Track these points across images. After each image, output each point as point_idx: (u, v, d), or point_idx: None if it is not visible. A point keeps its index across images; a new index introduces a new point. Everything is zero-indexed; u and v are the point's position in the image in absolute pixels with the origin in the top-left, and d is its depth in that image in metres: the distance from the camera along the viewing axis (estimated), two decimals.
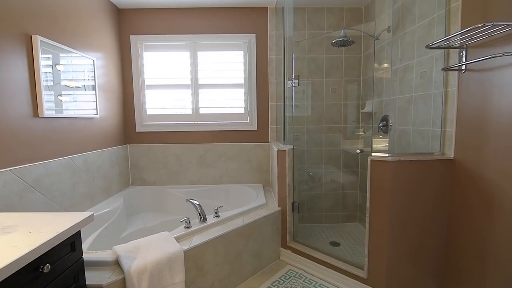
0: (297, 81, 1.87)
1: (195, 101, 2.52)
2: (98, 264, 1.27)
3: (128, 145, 2.55)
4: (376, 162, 1.49)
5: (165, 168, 2.58)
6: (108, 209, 2.01)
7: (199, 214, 1.72)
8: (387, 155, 1.47)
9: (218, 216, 1.80)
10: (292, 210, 2.02)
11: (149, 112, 2.54)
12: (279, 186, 2.06)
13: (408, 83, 1.86)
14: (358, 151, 2.34)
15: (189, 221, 1.65)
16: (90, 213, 1.08)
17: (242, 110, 2.58)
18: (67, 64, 1.74)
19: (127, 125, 2.54)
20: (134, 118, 2.53)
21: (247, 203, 2.15)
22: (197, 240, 1.53)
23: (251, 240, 1.80)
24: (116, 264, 1.28)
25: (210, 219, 1.76)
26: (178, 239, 1.52)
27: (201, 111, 2.55)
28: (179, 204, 2.46)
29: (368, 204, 1.53)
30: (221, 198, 2.52)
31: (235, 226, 1.71)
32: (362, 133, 2.55)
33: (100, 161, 2.10)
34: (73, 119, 1.80)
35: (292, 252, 1.99)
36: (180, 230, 1.60)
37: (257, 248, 1.84)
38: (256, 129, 2.58)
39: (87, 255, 1.30)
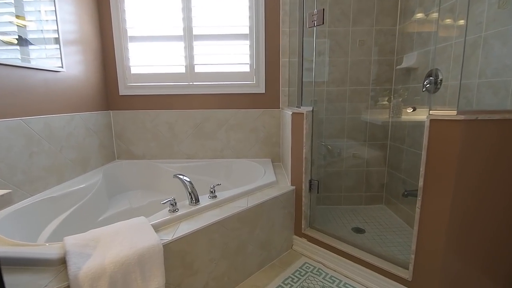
0: (322, 17, 1.38)
1: (189, 57, 2.05)
2: (38, 263, 0.89)
3: (111, 111, 2.14)
4: (438, 123, 1.03)
5: (155, 140, 2.17)
6: (82, 186, 1.64)
7: (190, 193, 1.32)
8: (455, 112, 1.01)
9: (215, 196, 1.40)
10: (310, 189, 1.61)
11: (134, 70, 2.09)
12: (293, 160, 1.63)
13: (474, 19, 1.35)
14: (409, 109, 1.82)
15: (175, 203, 1.25)
16: (7, 191, 0.67)
17: (247, 68, 2.10)
18: None
19: (109, 87, 2.10)
20: (116, 78, 2.09)
21: (253, 181, 1.74)
22: (184, 229, 1.14)
23: (258, 227, 1.41)
24: (64, 263, 0.90)
25: (205, 200, 1.36)
26: (157, 227, 1.13)
27: (197, 69, 2.08)
28: (173, 182, 2.06)
29: (421, 182, 1.09)
30: (221, 175, 2.11)
31: (236, 210, 1.31)
32: (394, 99, 2.06)
33: (71, 128, 1.69)
34: (23, 70, 1.37)
35: (308, 241, 1.60)
36: (163, 214, 1.21)
37: (264, 236, 1.45)
38: (264, 92, 2.12)
39: (23, 250, 0.92)
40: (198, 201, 1.33)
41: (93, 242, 0.97)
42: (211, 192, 1.41)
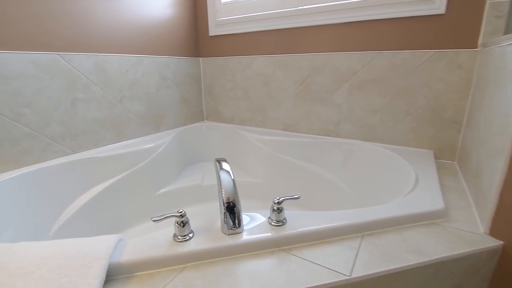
0: None
1: None
2: None
3: (200, 58, 1.68)
4: None
5: (246, 99, 1.56)
6: (145, 146, 1.28)
7: (226, 204, 0.62)
8: None
9: (282, 223, 0.64)
10: None
11: None
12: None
13: None
14: None
15: (186, 222, 0.59)
16: None
17: None
18: None
19: (198, 25, 1.62)
20: (206, 12, 1.57)
21: (385, 196, 0.85)
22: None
23: None
24: None
25: (255, 222, 0.64)
26: (129, 269, 0.52)
27: None
28: (259, 159, 1.44)
29: None
30: (328, 164, 1.27)
31: (323, 278, 0.51)
32: None
33: (137, 73, 1.32)
34: None
35: None
36: (155, 241, 0.58)
37: None
38: (443, 12, 1.01)
39: None
40: (239, 226, 0.62)
41: None
42: (275, 210, 0.65)
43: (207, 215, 1.33)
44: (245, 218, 0.67)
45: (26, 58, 0.94)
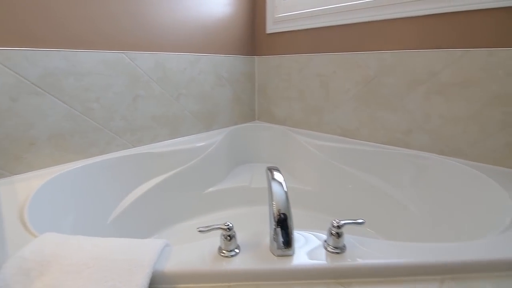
0: None
1: None
2: None
3: (256, 57, 1.63)
4: None
5: (301, 100, 1.47)
6: (198, 144, 1.29)
7: (276, 218, 0.55)
8: None
9: (341, 250, 0.55)
10: None
11: None
12: None
13: None
14: None
15: (231, 234, 0.54)
16: None
17: None
18: None
19: (256, 22, 1.58)
20: (265, 9, 1.51)
21: (469, 230, 0.69)
22: None
23: None
24: None
25: (308, 245, 0.56)
26: (173, 279, 0.49)
27: None
28: (311, 165, 1.34)
29: None
30: (395, 180, 1.11)
31: None
32: None
33: (194, 72, 1.33)
34: None
35: None
36: (199, 255, 0.55)
37: None
38: None
39: None
40: (290, 246, 0.55)
41: (38, 268, 0.50)
42: (333, 234, 0.56)
43: (253, 218, 1.28)
44: (297, 237, 0.60)
45: (97, 57, 1.01)
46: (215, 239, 0.58)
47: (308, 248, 0.57)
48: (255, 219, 1.28)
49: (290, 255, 0.54)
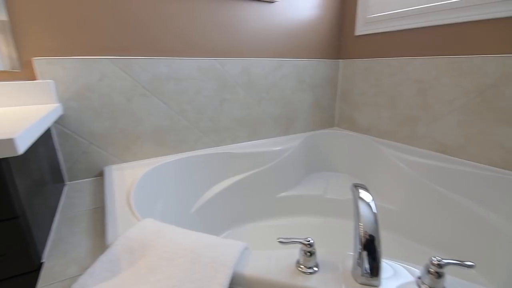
0: None
1: None
2: None
3: (340, 60, 1.55)
4: None
5: (391, 108, 1.32)
6: (275, 148, 1.31)
7: (363, 241, 0.50)
8: None
9: None
10: None
11: None
12: None
13: None
14: None
15: (312, 251, 0.52)
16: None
17: None
18: None
19: (343, 24, 1.49)
20: (355, 10, 1.42)
21: None
22: None
23: None
24: None
25: (399, 279, 0.48)
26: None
27: None
28: (397, 182, 1.21)
29: None
30: (505, 216, 0.89)
31: None
32: None
33: (276, 77, 1.35)
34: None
35: None
36: (279, 268, 0.54)
37: None
38: None
39: None
40: (376, 275, 0.49)
41: (141, 250, 0.57)
42: (432, 272, 0.48)
43: (327, 231, 1.22)
44: (385, 267, 0.53)
45: (193, 63, 1.12)
46: (294, 251, 0.57)
47: (398, 282, 0.50)
48: (330, 232, 1.22)
49: (376, 286, 0.49)
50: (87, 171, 1.01)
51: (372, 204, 0.54)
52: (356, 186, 0.59)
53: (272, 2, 1.24)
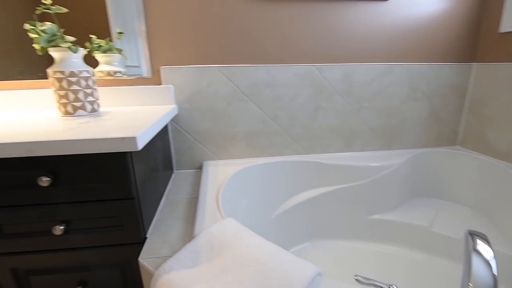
0: None
1: None
2: None
3: (475, 63, 1.23)
4: None
5: None
6: (372, 164, 1.18)
7: None
8: None
9: None
10: None
11: None
12: None
13: None
14: None
15: None
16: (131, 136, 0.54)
17: None
18: None
19: (482, 19, 1.17)
20: (502, 1, 1.09)
21: None
22: None
23: None
24: None
25: None
26: None
27: None
28: None
29: None
30: None
31: None
32: None
33: (382, 84, 1.20)
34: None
35: None
36: None
37: None
38: None
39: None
40: None
41: (219, 248, 0.61)
42: None
43: (429, 275, 1.01)
44: None
45: (291, 70, 1.12)
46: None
47: None
48: (430, 273, 1.00)
49: None
50: (191, 163, 1.17)
51: (493, 263, 0.40)
52: (472, 234, 0.46)
53: (384, 0, 1.10)
